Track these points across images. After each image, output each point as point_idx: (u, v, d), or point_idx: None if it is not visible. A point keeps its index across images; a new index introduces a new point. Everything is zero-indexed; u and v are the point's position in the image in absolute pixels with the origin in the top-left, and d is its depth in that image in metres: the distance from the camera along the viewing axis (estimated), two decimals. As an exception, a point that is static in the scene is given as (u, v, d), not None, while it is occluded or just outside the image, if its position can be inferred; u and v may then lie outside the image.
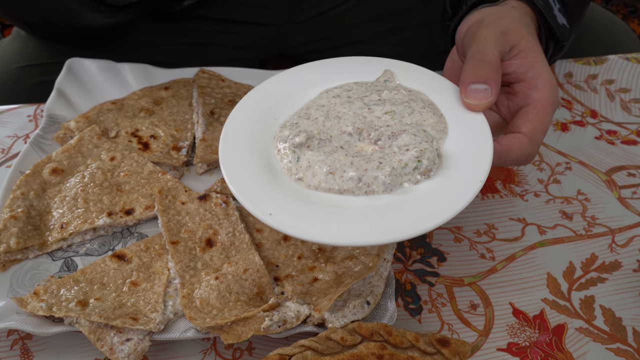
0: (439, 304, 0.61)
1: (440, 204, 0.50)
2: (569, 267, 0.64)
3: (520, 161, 0.57)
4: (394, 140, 0.54)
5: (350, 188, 0.52)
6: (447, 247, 0.67)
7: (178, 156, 0.73)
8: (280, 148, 0.56)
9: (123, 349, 0.53)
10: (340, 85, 0.62)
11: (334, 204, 0.51)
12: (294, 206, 0.51)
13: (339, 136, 0.56)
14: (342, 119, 0.57)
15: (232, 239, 0.63)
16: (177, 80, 0.84)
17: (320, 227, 0.49)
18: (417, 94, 0.59)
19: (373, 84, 0.61)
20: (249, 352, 0.57)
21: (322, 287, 0.58)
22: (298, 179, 0.53)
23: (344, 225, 0.49)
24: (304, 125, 0.57)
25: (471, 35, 0.59)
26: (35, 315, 0.56)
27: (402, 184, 0.52)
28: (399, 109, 0.57)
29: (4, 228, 0.62)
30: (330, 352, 0.52)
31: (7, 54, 0.97)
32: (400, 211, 0.50)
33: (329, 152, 0.54)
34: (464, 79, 0.56)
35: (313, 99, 0.61)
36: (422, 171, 0.52)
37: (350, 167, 0.53)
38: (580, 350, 0.57)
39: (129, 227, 0.67)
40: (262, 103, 0.60)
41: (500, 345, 0.58)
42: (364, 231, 0.49)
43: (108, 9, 0.84)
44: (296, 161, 0.54)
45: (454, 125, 0.56)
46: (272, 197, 0.52)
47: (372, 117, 0.57)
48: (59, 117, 0.77)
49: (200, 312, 0.56)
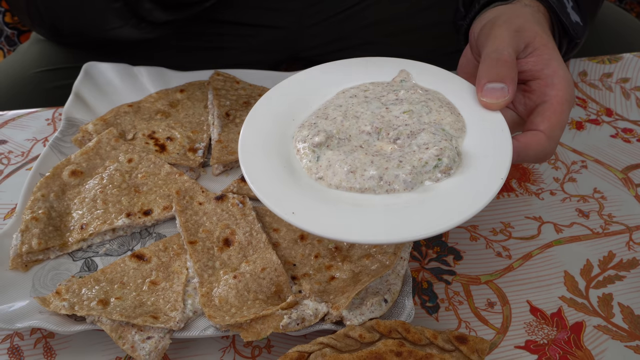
0: (455, 302, 0.61)
1: (462, 201, 0.50)
2: (586, 265, 0.64)
3: (538, 158, 0.57)
4: (413, 139, 0.55)
5: (372, 187, 0.52)
6: (463, 246, 0.67)
7: (194, 157, 0.74)
8: (299, 148, 0.56)
9: (144, 346, 0.54)
10: (357, 85, 0.62)
11: (355, 202, 0.52)
12: (316, 205, 0.51)
13: (357, 135, 0.56)
14: (361, 118, 0.57)
15: (249, 238, 0.63)
16: (192, 83, 0.85)
17: (343, 226, 0.49)
18: (433, 93, 0.59)
19: (389, 84, 0.62)
20: (267, 350, 0.57)
21: (340, 286, 0.59)
22: (318, 178, 0.54)
23: (366, 223, 0.49)
24: (322, 125, 0.57)
25: (485, 35, 0.60)
26: (57, 314, 0.56)
27: (422, 182, 0.52)
28: (417, 108, 0.57)
29: (25, 229, 0.63)
30: (349, 350, 0.52)
31: (26, 59, 0.99)
32: (422, 209, 0.50)
33: (348, 152, 0.55)
34: (480, 78, 0.56)
35: (330, 99, 0.61)
36: (443, 169, 0.52)
37: (370, 166, 0.53)
38: (599, 347, 0.57)
39: (147, 227, 0.68)
40: (279, 104, 0.61)
41: (518, 343, 0.58)
42: (386, 229, 0.49)
43: (148, 26, 0.86)
44: (316, 160, 0.54)
45: (471, 123, 0.56)
46: (294, 196, 0.52)
47: (390, 116, 0.57)
48: (77, 120, 0.79)
49: (219, 311, 0.56)
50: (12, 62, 1.01)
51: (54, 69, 0.96)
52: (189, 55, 0.99)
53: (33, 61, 0.97)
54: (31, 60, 0.97)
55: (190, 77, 0.86)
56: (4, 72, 0.98)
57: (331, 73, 0.64)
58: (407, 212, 0.50)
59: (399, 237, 0.48)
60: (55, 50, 0.98)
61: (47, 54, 0.98)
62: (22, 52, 1.01)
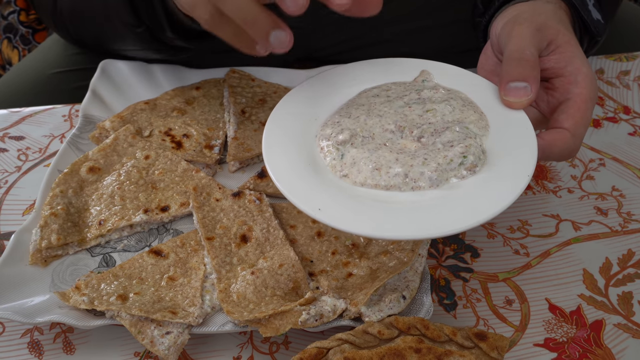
0: (473, 299, 0.61)
1: (489, 198, 0.50)
2: (605, 263, 0.64)
3: (563, 156, 0.57)
4: (437, 137, 0.55)
5: (397, 184, 0.52)
6: (481, 243, 0.66)
7: (211, 154, 0.74)
8: (323, 146, 0.56)
9: (163, 341, 0.54)
10: (378, 85, 0.62)
11: (381, 199, 0.52)
12: (342, 201, 0.51)
13: (381, 134, 0.56)
14: (384, 117, 0.57)
15: (266, 234, 0.63)
16: (208, 80, 0.85)
17: (370, 222, 0.49)
18: (456, 92, 0.59)
19: (411, 84, 0.61)
20: (285, 346, 0.58)
21: (357, 282, 0.59)
22: (343, 175, 0.54)
23: (393, 219, 0.49)
24: (345, 123, 0.57)
25: (507, 33, 0.59)
26: (77, 309, 0.57)
27: (448, 180, 0.52)
28: (440, 107, 0.57)
29: (45, 225, 0.64)
30: (368, 346, 0.52)
31: (46, 59, 0.99)
32: (449, 205, 0.50)
33: (373, 149, 0.54)
34: (502, 77, 0.56)
35: (352, 98, 0.61)
36: (468, 167, 0.52)
37: (395, 164, 0.53)
38: (619, 346, 0.57)
39: (164, 223, 0.68)
40: (301, 104, 0.61)
41: (537, 341, 0.57)
42: (413, 225, 0.49)
43: (169, 50, 0.85)
44: (340, 158, 0.54)
45: (495, 122, 0.56)
46: (319, 193, 0.52)
47: (414, 115, 0.57)
48: (94, 117, 0.79)
49: (237, 306, 0.56)
50: (32, 62, 1.01)
51: (75, 69, 0.97)
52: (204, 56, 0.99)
53: (53, 61, 0.98)
54: (51, 60, 0.98)
55: (205, 74, 0.86)
56: (25, 71, 0.99)
57: (352, 73, 0.64)
58: (433, 208, 0.50)
59: (427, 233, 0.48)
60: (76, 51, 0.98)
61: (68, 54, 0.98)
62: (42, 51, 1.01)
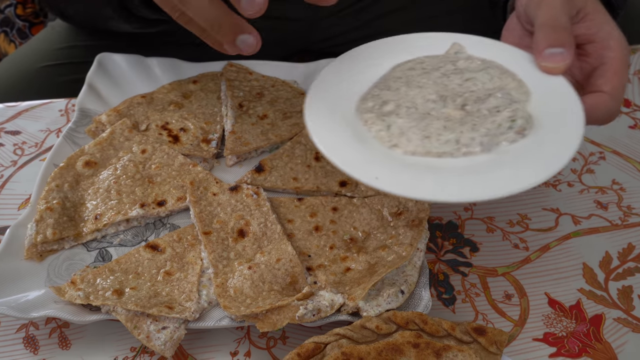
0: (472, 294, 0.61)
1: (545, 157, 0.50)
2: (605, 257, 0.63)
3: (605, 119, 0.57)
4: (481, 104, 0.55)
5: (449, 150, 0.52)
6: (480, 238, 0.66)
7: (208, 148, 0.74)
8: (367, 118, 0.55)
9: (159, 336, 0.54)
10: (411, 59, 0.62)
11: (435, 165, 0.51)
12: (397, 169, 0.51)
13: (423, 104, 0.56)
14: (424, 88, 0.57)
15: (264, 229, 0.63)
16: (205, 74, 0.85)
17: (429, 186, 0.49)
18: (490, 62, 0.60)
19: (444, 56, 0.61)
20: (282, 341, 0.57)
21: (355, 277, 0.58)
22: (393, 145, 0.53)
23: (454, 182, 0.49)
24: (386, 95, 0.57)
25: (536, 4, 0.60)
26: (72, 304, 0.56)
27: (499, 144, 0.52)
28: (479, 76, 0.57)
29: (40, 219, 0.63)
30: (366, 341, 0.52)
31: (35, 52, 0.99)
32: (507, 167, 0.50)
33: (419, 119, 0.54)
34: (537, 45, 0.57)
35: (386, 73, 0.61)
36: (517, 130, 0.52)
37: (445, 131, 0.53)
38: (619, 340, 0.56)
39: (161, 218, 0.68)
40: (335, 81, 0.60)
41: (537, 335, 0.57)
42: (476, 187, 0.48)
43: (138, 21, 0.86)
44: (387, 129, 0.54)
45: (535, 88, 0.56)
46: (373, 163, 0.51)
47: (453, 84, 0.57)
48: (90, 110, 0.78)
49: (234, 301, 0.56)
50: (21, 56, 1.01)
51: (64, 63, 0.96)
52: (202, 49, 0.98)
53: (43, 55, 0.97)
54: (41, 54, 0.97)
55: (202, 68, 0.85)
56: (14, 65, 0.98)
57: (381, 49, 0.63)
58: (491, 171, 0.50)
59: (490, 194, 0.47)
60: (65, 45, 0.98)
61: (57, 48, 0.98)
62: (32, 45, 1.01)
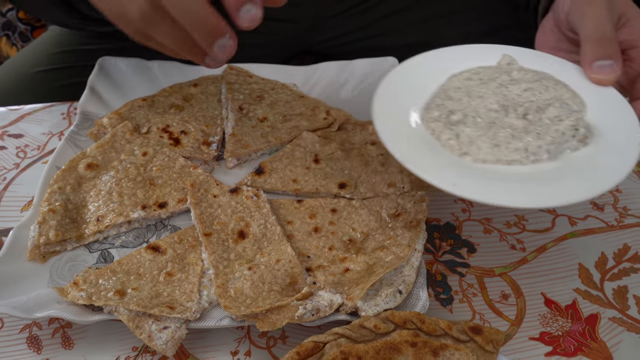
0: (469, 294, 0.62)
1: (611, 165, 0.52)
2: (601, 258, 0.64)
3: None
4: (542, 113, 0.57)
5: (518, 158, 0.54)
6: (477, 239, 0.67)
7: (208, 151, 0.75)
8: (434, 127, 0.57)
9: (161, 336, 0.54)
10: (466, 69, 0.63)
11: (507, 173, 0.53)
12: (472, 176, 0.53)
13: (486, 114, 0.58)
14: (485, 98, 0.59)
15: (263, 230, 0.64)
16: (205, 77, 0.86)
17: (506, 193, 0.51)
18: (543, 73, 0.62)
19: (498, 67, 0.63)
20: (282, 341, 0.58)
21: (354, 277, 0.59)
22: (463, 153, 0.55)
23: (528, 189, 0.51)
24: (451, 105, 0.59)
25: (580, 12, 0.61)
26: (75, 305, 0.57)
27: (563, 152, 0.55)
28: (535, 86, 0.59)
29: (43, 221, 0.64)
30: (364, 340, 0.53)
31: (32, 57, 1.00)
32: (578, 175, 0.52)
33: (485, 127, 0.56)
34: (586, 57, 0.59)
35: (444, 84, 0.62)
36: (580, 138, 0.55)
37: (513, 139, 0.55)
38: (614, 339, 0.57)
39: (162, 220, 0.69)
40: (396, 92, 0.62)
41: (533, 335, 0.58)
42: (551, 193, 0.51)
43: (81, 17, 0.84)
44: (456, 138, 0.56)
45: (589, 98, 0.59)
46: (448, 170, 0.54)
47: (512, 94, 0.59)
48: (92, 114, 0.79)
49: (234, 301, 0.57)
50: (22, 59, 1.01)
51: (60, 67, 0.97)
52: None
53: (38, 60, 0.98)
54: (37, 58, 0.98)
55: (203, 71, 0.86)
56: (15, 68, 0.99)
57: (435, 61, 0.65)
58: (563, 178, 0.52)
59: (566, 199, 0.50)
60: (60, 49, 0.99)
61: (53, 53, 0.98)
62: (29, 50, 1.02)
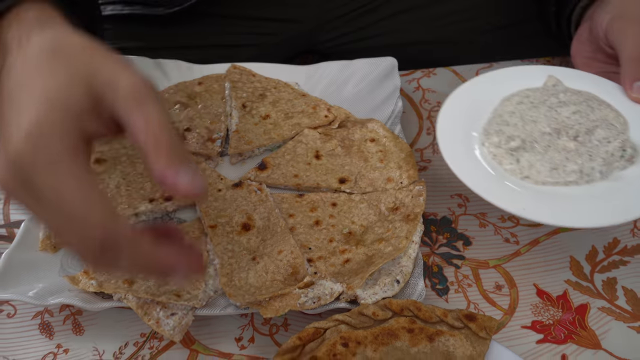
0: (465, 284, 0.64)
1: None
2: (592, 251, 0.66)
3: None
4: (591, 135, 0.61)
5: (575, 180, 0.58)
6: (473, 232, 0.69)
7: (213, 147, 0.77)
8: (495, 153, 0.61)
9: (168, 322, 0.57)
10: (516, 92, 0.67)
11: (566, 194, 0.58)
12: (537, 200, 0.57)
13: (541, 137, 0.61)
14: (538, 122, 0.63)
15: (267, 223, 0.66)
16: (209, 76, 0.88)
17: (571, 214, 0.56)
18: (587, 94, 0.65)
19: (544, 89, 0.67)
20: (284, 328, 0.60)
21: (354, 268, 0.61)
22: (524, 177, 0.59)
23: (589, 210, 0.56)
24: (509, 130, 0.62)
25: (619, 31, 0.65)
26: (85, 292, 0.59)
27: (612, 171, 0.59)
28: (582, 108, 0.63)
29: (54, 213, 0.66)
30: (363, 326, 0.55)
31: None
32: (631, 193, 0.57)
33: (542, 151, 0.60)
34: (627, 77, 0.63)
35: (498, 107, 0.66)
36: (628, 158, 0.60)
37: (568, 162, 0.59)
38: (602, 328, 0.59)
39: (168, 212, 0.71)
40: (454, 118, 0.65)
41: (525, 323, 0.60)
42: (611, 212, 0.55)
43: None
44: (517, 162, 0.60)
45: (631, 117, 0.63)
46: (513, 194, 0.58)
47: (562, 117, 0.62)
48: (99, 111, 0.81)
49: (239, 290, 0.59)
50: None
51: None
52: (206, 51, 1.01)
53: None
54: None
55: (207, 70, 0.88)
56: None
57: (485, 84, 0.69)
58: (619, 196, 0.57)
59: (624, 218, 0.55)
60: None
61: None
62: None
